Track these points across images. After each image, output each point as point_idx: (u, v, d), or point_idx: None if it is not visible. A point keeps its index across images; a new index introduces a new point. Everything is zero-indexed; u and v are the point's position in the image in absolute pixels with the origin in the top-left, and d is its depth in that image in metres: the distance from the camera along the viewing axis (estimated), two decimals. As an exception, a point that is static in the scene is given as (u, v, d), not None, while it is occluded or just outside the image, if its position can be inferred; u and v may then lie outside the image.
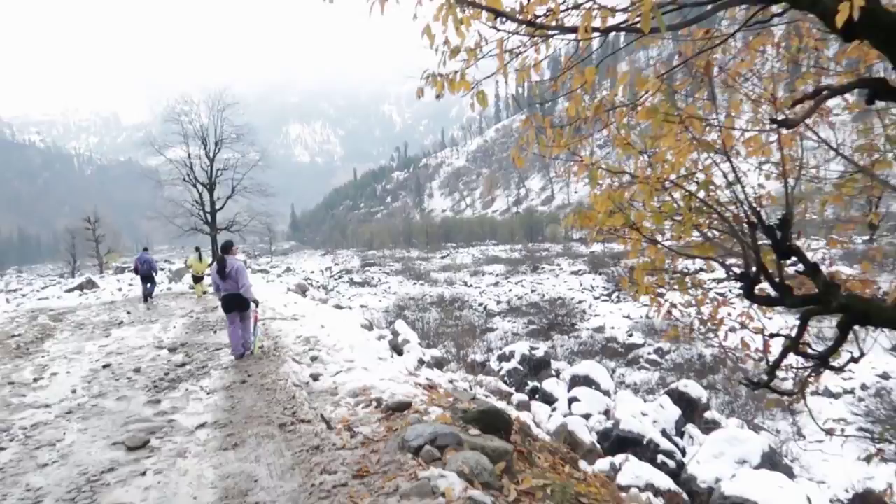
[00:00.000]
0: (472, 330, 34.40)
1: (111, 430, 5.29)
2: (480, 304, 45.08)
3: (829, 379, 22.79)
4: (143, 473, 4.25)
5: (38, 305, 22.02)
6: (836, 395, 21.02)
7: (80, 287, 31.10)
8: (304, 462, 4.13)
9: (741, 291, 5.21)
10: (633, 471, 10.24)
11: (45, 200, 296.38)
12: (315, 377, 6.56)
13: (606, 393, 17.26)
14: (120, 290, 27.16)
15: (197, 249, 18.93)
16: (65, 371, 8.11)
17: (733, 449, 11.49)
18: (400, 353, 9.22)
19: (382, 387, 5.90)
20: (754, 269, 4.73)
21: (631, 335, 32.24)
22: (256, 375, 7.00)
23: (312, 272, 72.00)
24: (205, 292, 18.13)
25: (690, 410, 15.18)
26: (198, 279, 18.55)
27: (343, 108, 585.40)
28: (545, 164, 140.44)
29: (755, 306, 5.59)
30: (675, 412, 13.96)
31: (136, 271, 18.16)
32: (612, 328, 34.30)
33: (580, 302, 42.06)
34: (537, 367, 17.99)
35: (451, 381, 8.16)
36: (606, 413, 15.90)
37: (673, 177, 4.91)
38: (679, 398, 15.35)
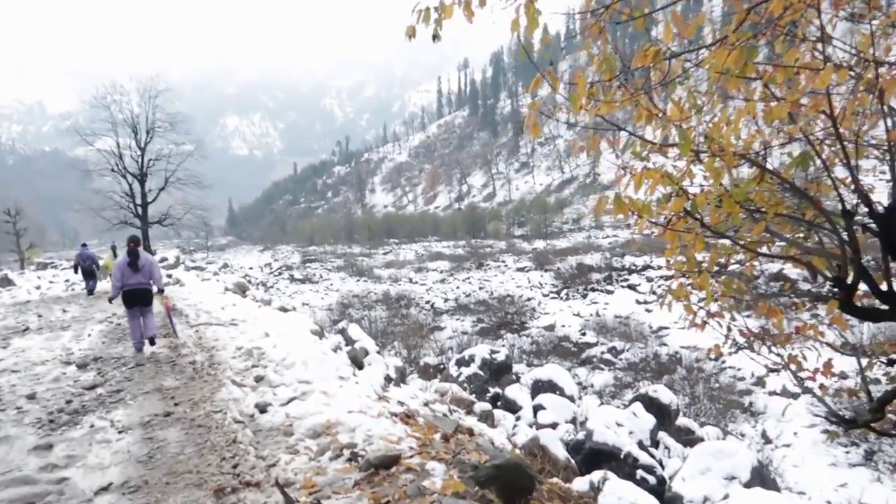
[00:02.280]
0: (420, 329, 33.20)
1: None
2: (427, 302, 43.85)
3: (787, 378, 22.53)
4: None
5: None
6: (794, 395, 20.73)
7: (-7, 285, 28.50)
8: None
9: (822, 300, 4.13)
10: (616, 491, 9.15)
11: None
12: (262, 408, 5.15)
13: (571, 398, 16.30)
14: (38, 288, 24.68)
15: (112, 248, 18.24)
16: (-63, 397, 6.44)
17: (720, 464, 10.58)
18: (360, 366, 7.88)
19: (352, 422, 4.57)
20: (852, 272, 3.64)
21: (584, 334, 31.62)
22: (185, 404, 5.52)
23: (251, 269, 69.39)
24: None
25: (662, 418, 14.29)
26: None
27: (283, 101, 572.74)
28: (487, 161, 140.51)
29: (826, 318, 4.52)
30: (650, 421, 12.98)
31: (77, 268, 17.66)
32: (563, 326, 33.65)
33: (529, 299, 41.36)
34: (498, 371, 16.86)
35: (426, 404, 6.87)
36: (573, 421, 14.93)
37: (756, 145, 3.76)
38: (649, 404, 14.47)
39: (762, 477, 10.95)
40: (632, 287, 40.48)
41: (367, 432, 4.32)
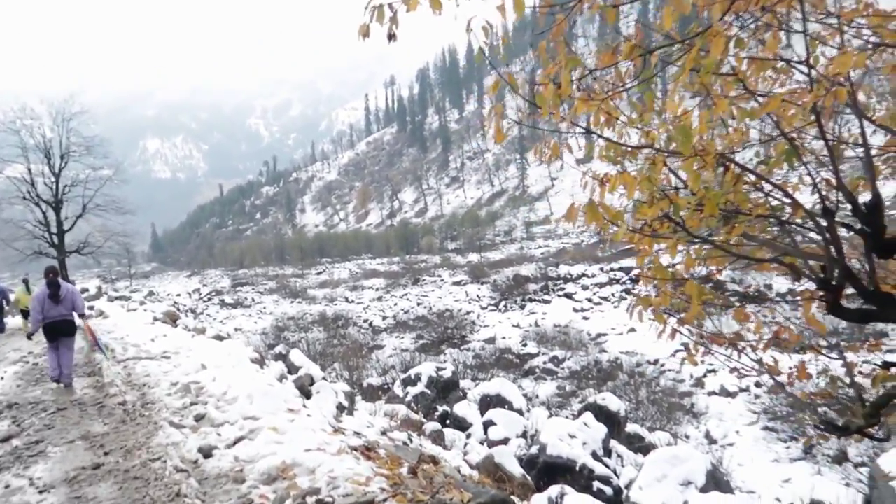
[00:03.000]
0: (359, 349, 32.52)
1: None
2: (365, 321, 43.17)
3: (724, 378, 23.11)
4: None
5: None
6: (732, 394, 21.25)
7: None
8: None
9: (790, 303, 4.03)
10: (576, 506, 9.01)
11: None
12: (206, 452, 4.63)
13: (520, 412, 16.11)
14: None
15: (24, 281, 17.02)
16: None
17: (676, 470, 10.54)
18: (308, 395, 7.38)
19: (311, 462, 4.13)
20: (836, 273, 3.50)
21: (525, 344, 31.70)
22: (117, 453, 4.92)
23: (179, 295, 66.83)
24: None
25: (611, 425, 14.27)
26: (26, 314, 16.09)
27: (206, 122, 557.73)
28: (417, 177, 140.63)
29: (791, 318, 4.40)
30: (602, 430, 12.90)
31: None
32: (504, 338, 33.69)
33: (468, 313, 41.32)
34: (445, 388, 16.51)
35: (383, 433, 6.46)
36: (524, 435, 14.71)
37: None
38: (598, 413, 14.43)
39: (716, 480, 10.98)
40: (568, 296, 41.01)
41: (329, 473, 3.89)
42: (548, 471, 11.12)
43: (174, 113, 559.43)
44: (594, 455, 12.00)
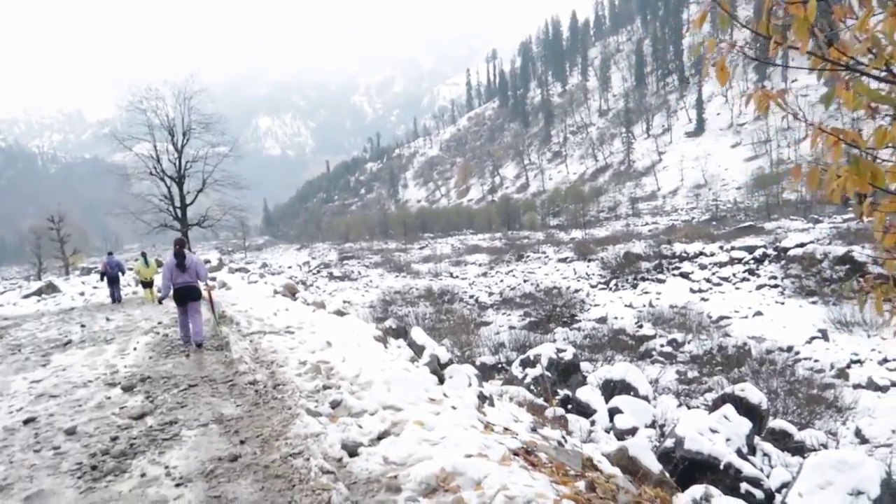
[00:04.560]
0: (466, 324, 32.14)
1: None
2: (471, 297, 42.81)
3: (872, 369, 20.93)
4: None
5: (-15, 316, 19.78)
6: (883, 388, 19.14)
7: (39, 292, 28.35)
8: None
9: None
10: (726, 511, 8.02)
11: (9, 201, 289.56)
12: (351, 449, 4.10)
13: (646, 399, 15.07)
14: (82, 294, 24.36)
15: (143, 254, 18.43)
16: (-34, 432, 5.57)
17: (843, 477, 9.25)
18: (441, 380, 6.82)
19: (475, 472, 3.49)
20: None
21: (640, 325, 30.21)
22: (253, 442, 4.49)
23: (290, 267, 69.32)
24: (154, 299, 16.65)
25: (752, 419, 12.97)
26: (146, 284, 17.77)
27: (313, 100, 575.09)
28: (519, 152, 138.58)
29: None
30: (745, 425, 11.67)
31: (104, 275, 18.00)
32: (616, 318, 32.27)
33: (577, 291, 40.01)
34: (565, 371, 15.67)
35: (533, 429, 5.78)
36: (653, 425, 13.70)
37: None
38: (737, 405, 13.14)
39: (892, 490, 9.63)
40: (684, 275, 38.83)
41: (502, 489, 3.23)
42: (687, 468, 10.11)
43: (284, 92, 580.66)
44: (739, 453, 10.87)
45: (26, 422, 5.69)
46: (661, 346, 26.60)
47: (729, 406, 12.71)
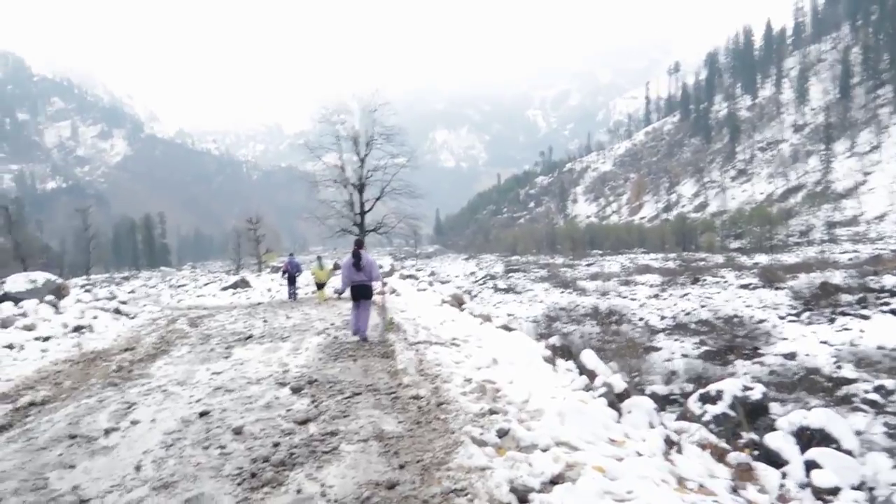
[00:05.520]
0: (634, 348, 30.36)
1: None
2: (641, 319, 40.53)
3: None
4: None
5: (192, 303, 22.47)
6: None
7: (235, 286, 31.34)
8: None
9: None
10: None
11: (218, 202, 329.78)
12: (521, 495, 3.56)
13: (850, 454, 13.04)
14: (269, 290, 26.40)
15: (318, 258, 20.50)
16: (149, 418, 5.78)
17: None
18: (618, 411, 6.10)
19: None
20: None
21: (840, 366, 26.66)
22: (413, 468, 4.11)
23: (456, 276, 70.45)
24: (327, 299, 17.87)
25: None
26: (320, 286, 19.01)
27: (488, 114, 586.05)
28: (698, 169, 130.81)
29: None
30: None
31: (285, 273, 20.50)
32: (808, 355, 28.77)
33: (761, 321, 36.35)
34: (753, 412, 13.97)
35: (734, 489, 4.94)
36: (861, 487, 11.74)
37: None
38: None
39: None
40: (895, 312, 33.87)
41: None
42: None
43: (460, 106, 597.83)
44: None
45: (201, 414, 5.82)
46: (866, 391, 23.16)
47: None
